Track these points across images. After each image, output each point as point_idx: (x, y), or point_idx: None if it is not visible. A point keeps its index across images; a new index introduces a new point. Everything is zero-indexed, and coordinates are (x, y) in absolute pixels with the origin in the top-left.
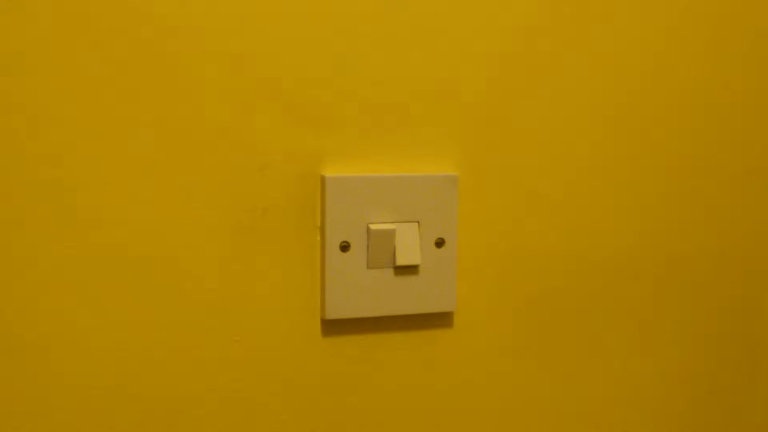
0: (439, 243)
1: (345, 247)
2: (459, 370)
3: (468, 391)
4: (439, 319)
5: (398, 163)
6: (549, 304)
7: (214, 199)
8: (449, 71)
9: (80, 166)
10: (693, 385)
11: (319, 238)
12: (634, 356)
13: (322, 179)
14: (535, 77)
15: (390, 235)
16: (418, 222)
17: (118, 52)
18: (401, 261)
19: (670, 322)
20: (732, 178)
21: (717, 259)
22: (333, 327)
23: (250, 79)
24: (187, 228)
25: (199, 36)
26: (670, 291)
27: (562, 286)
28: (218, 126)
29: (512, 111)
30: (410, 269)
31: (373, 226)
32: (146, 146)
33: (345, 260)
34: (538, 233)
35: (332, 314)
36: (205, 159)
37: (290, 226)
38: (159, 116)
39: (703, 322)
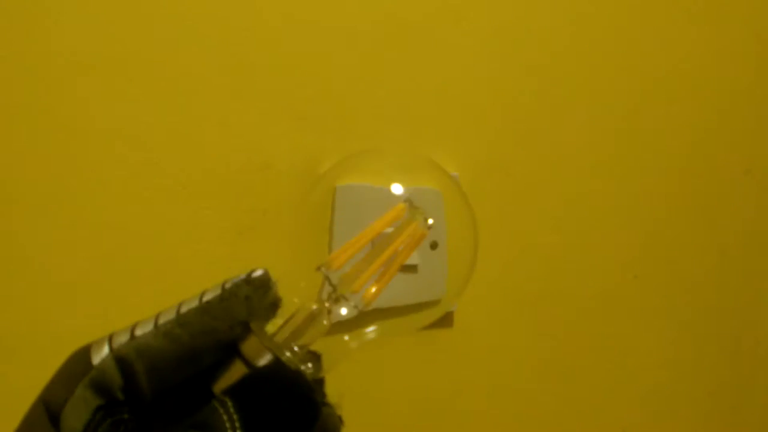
0: (434, 246)
1: None
2: (459, 370)
3: (468, 391)
4: (439, 319)
5: None
6: (549, 304)
7: (215, 199)
8: (449, 72)
9: (81, 166)
10: (693, 385)
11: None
12: (634, 356)
13: (335, 189)
14: (536, 78)
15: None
16: None
17: (120, 52)
18: None
19: (671, 322)
20: (731, 178)
21: (717, 259)
22: (333, 327)
23: (251, 80)
24: (189, 228)
25: (200, 37)
26: (670, 291)
27: (561, 286)
28: (219, 126)
29: (512, 111)
30: (410, 269)
31: None
32: (147, 147)
33: None
34: (538, 233)
35: None
36: (206, 159)
37: (290, 227)
38: (160, 117)
39: (703, 322)
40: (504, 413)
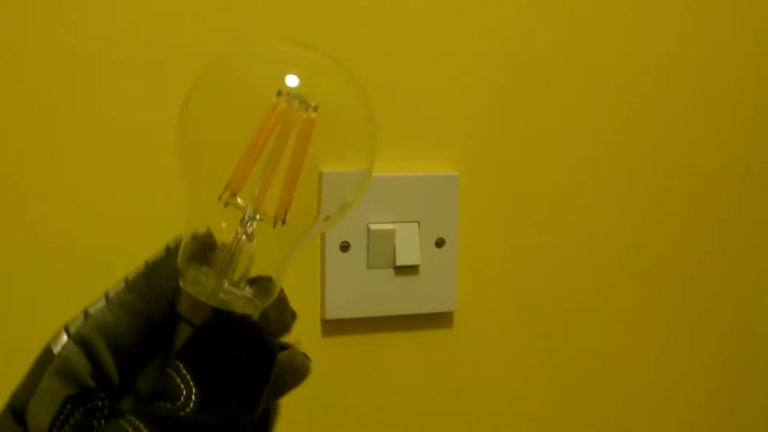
0: (439, 243)
1: (345, 247)
2: (459, 370)
3: (468, 391)
4: (439, 319)
5: (398, 163)
6: (549, 304)
7: None
8: (449, 72)
9: (80, 166)
10: (693, 385)
11: (318, 238)
12: (634, 356)
13: (320, 175)
14: (536, 77)
15: (390, 235)
16: (418, 222)
17: (120, 52)
18: (401, 261)
19: (670, 322)
20: (731, 178)
21: (717, 259)
22: (333, 327)
23: None
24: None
25: (200, 38)
26: (670, 291)
27: (561, 286)
28: None
29: (512, 111)
30: (410, 269)
31: (373, 226)
32: (147, 146)
33: (345, 260)
34: (538, 233)
35: (332, 314)
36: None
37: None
38: (159, 116)
39: (703, 322)
40: (504, 413)
